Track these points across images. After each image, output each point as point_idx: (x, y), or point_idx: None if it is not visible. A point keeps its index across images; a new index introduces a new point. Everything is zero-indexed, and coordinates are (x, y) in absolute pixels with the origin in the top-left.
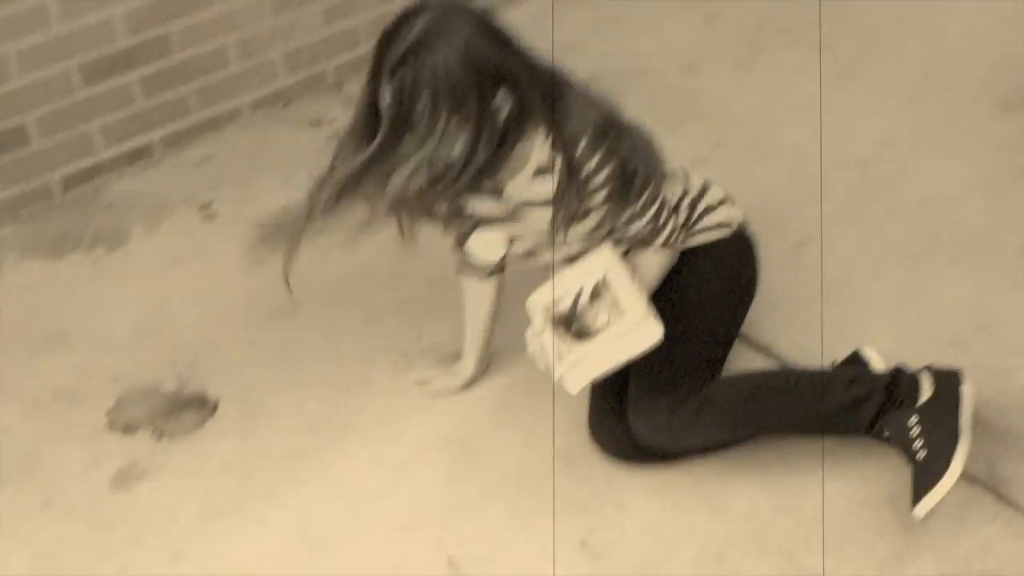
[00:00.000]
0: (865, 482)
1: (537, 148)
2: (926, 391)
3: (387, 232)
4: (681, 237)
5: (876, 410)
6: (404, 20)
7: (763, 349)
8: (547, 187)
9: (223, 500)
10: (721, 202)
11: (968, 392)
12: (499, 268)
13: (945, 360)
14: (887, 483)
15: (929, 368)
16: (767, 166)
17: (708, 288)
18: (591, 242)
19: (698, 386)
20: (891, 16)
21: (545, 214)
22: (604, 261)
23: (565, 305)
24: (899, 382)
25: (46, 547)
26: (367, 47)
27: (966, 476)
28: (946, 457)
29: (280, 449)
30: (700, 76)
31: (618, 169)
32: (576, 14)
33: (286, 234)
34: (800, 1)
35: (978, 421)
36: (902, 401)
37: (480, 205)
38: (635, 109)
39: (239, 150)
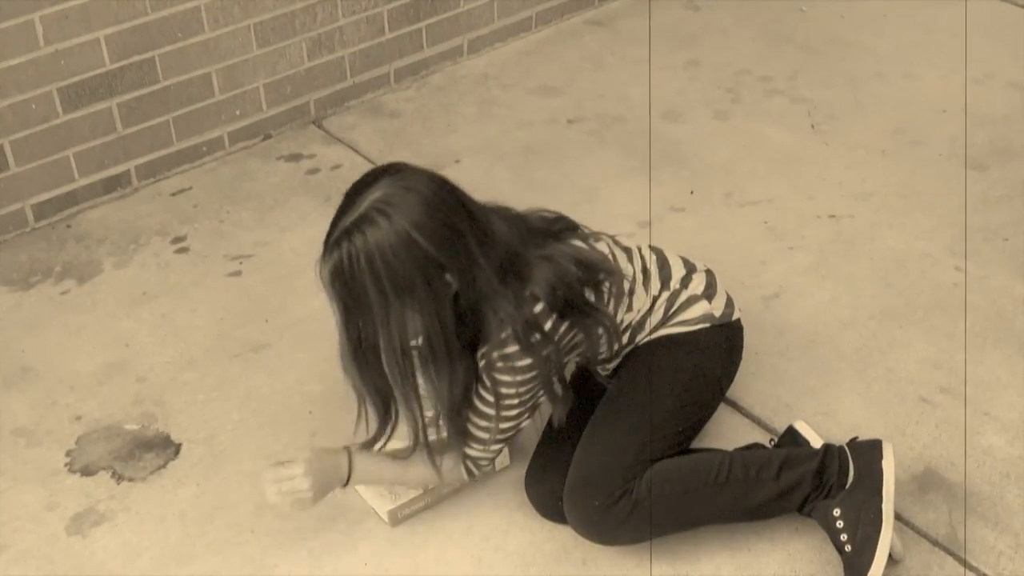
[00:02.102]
0: (827, 542)
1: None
2: (852, 474)
3: None
4: (658, 330)
5: (804, 497)
6: (360, 188)
7: (729, 403)
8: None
9: (180, 549)
10: (704, 294)
11: (888, 467)
12: None
13: (912, 418)
14: None
15: (852, 444)
16: (741, 216)
17: (667, 381)
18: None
19: (633, 485)
20: (869, 71)
21: None
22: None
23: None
24: (828, 466)
25: None
26: (350, 81)
27: (928, 540)
28: (870, 549)
29: (240, 496)
30: (679, 123)
31: (580, 321)
32: (562, 55)
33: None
34: (779, 52)
35: (933, 482)
36: (830, 489)
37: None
38: (614, 154)
39: (216, 182)
